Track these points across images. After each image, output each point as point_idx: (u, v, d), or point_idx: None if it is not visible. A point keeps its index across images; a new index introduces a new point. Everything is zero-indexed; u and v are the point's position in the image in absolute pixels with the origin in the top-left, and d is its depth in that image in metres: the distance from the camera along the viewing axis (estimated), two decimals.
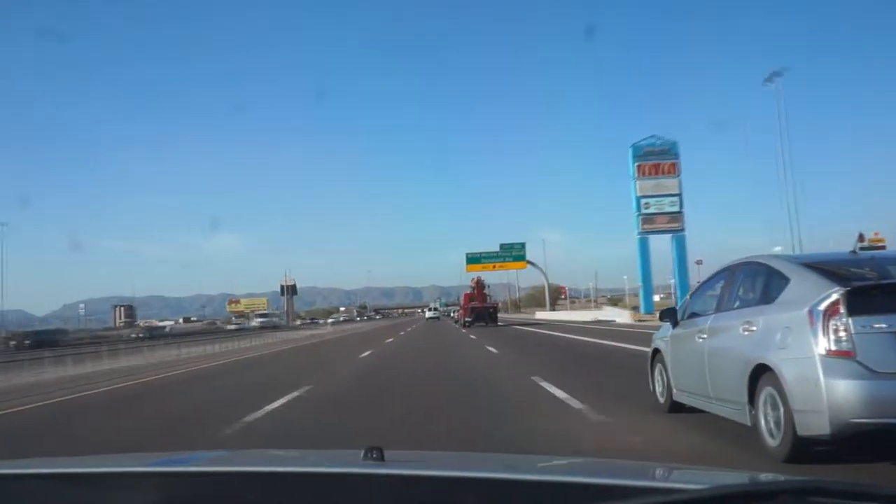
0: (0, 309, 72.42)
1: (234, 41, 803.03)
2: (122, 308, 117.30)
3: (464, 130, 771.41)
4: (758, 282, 5.33)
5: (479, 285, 46.99)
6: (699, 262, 45.94)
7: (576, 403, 7.56)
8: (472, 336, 27.54)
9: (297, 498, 1.40)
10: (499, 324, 42.85)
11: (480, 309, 44.09)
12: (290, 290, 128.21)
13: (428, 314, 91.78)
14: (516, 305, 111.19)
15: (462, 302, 49.11)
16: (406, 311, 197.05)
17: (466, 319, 43.68)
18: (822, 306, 4.25)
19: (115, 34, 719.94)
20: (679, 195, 46.23)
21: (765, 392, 4.63)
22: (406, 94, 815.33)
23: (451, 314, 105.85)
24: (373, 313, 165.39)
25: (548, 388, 8.98)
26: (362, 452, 1.46)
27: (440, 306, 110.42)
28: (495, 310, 46.00)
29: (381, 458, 1.44)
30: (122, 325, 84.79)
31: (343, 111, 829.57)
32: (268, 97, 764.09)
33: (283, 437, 6.65)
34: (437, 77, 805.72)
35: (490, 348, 18.74)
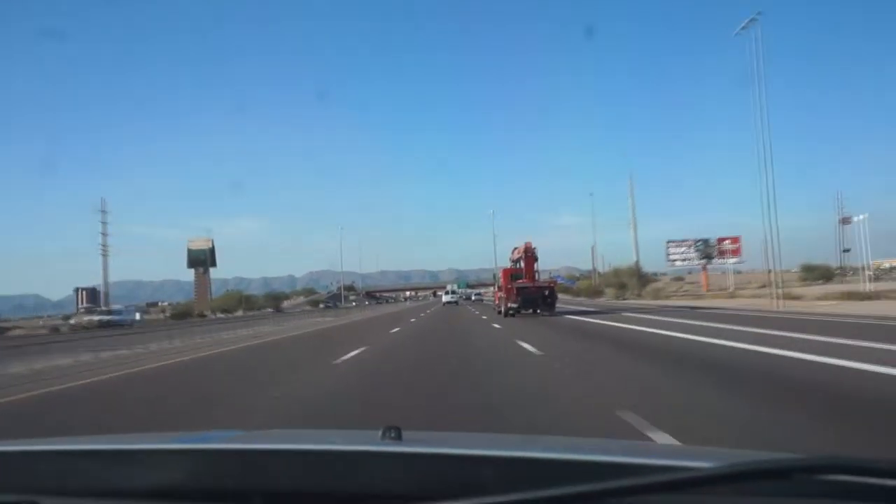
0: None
1: (242, 35, 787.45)
2: (85, 292, 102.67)
3: (487, 106, 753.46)
4: None
5: (529, 256, 30.69)
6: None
7: None
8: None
9: (317, 476, 1.39)
10: (556, 311, 30.16)
11: (532, 290, 29.75)
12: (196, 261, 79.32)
13: (445, 298, 77.75)
14: (636, 277, 62.54)
15: (501, 280, 32.34)
16: (419, 292, 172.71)
17: (510, 306, 29.74)
18: None
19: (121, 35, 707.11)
20: None
21: None
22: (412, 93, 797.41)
23: (472, 298, 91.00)
24: (359, 298, 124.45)
25: None
26: (381, 431, 1.47)
27: (459, 287, 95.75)
28: (552, 291, 30.40)
29: (399, 437, 1.46)
30: (83, 310, 71.74)
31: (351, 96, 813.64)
32: (267, 93, 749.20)
33: None
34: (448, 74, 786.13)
35: None
